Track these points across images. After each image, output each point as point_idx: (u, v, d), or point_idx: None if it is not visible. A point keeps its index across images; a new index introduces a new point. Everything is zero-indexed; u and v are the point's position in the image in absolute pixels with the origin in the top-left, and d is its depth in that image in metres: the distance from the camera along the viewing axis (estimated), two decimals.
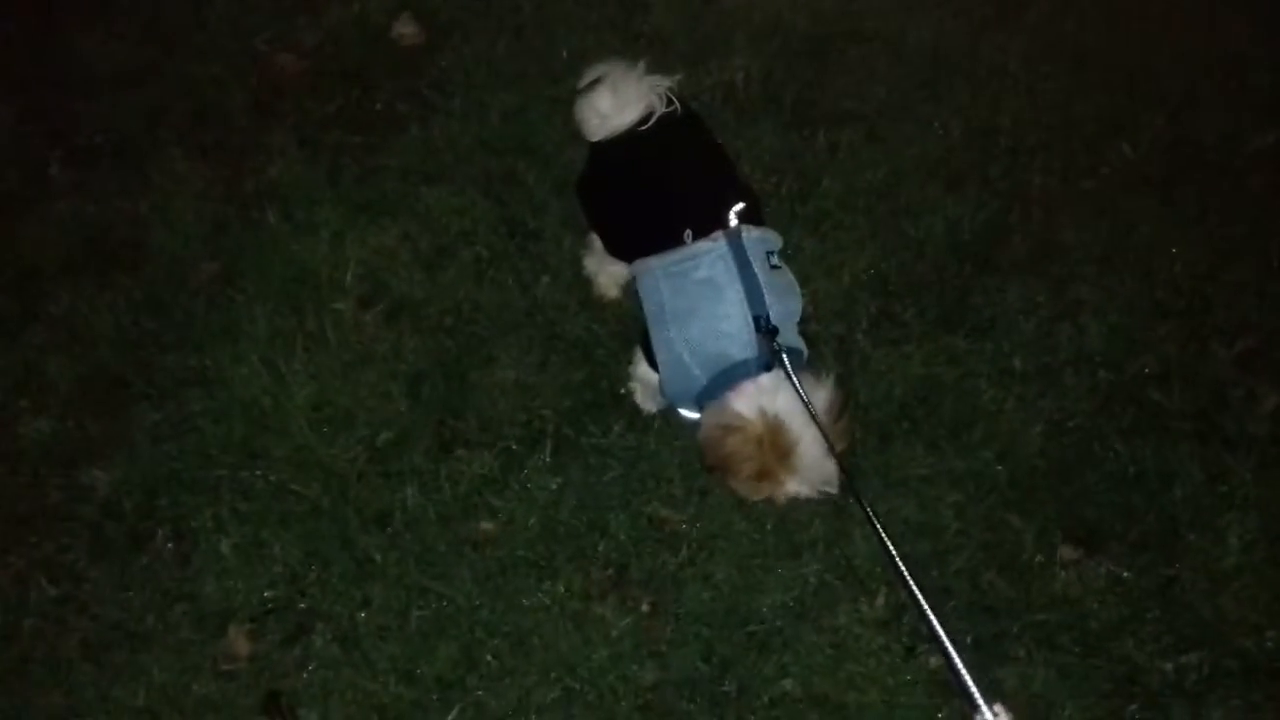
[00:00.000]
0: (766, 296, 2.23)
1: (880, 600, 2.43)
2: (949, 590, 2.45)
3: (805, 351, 2.33)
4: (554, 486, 2.57)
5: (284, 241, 2.96)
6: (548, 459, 2.62)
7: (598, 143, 2.54)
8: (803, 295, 2.42)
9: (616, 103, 2.48)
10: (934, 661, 2.36)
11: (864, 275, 2.88)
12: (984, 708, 1.53)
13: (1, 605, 2.49)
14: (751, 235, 2.28)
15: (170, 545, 2.54)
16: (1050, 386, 2.70)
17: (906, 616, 2.41)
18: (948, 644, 1.64)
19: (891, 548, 1.84)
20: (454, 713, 2.32)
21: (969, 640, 2.38)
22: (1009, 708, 1.53)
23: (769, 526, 2.54)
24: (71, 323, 2.88)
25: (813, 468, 2.18)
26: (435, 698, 2.34)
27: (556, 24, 3.43)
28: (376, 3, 3.48)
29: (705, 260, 2.27)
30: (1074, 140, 3.12)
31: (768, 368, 2.20)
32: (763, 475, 2.18)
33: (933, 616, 1.69)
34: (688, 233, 2.30)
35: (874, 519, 1.94)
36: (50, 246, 3.01)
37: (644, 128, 2.45)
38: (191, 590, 2.48)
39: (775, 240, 2.37)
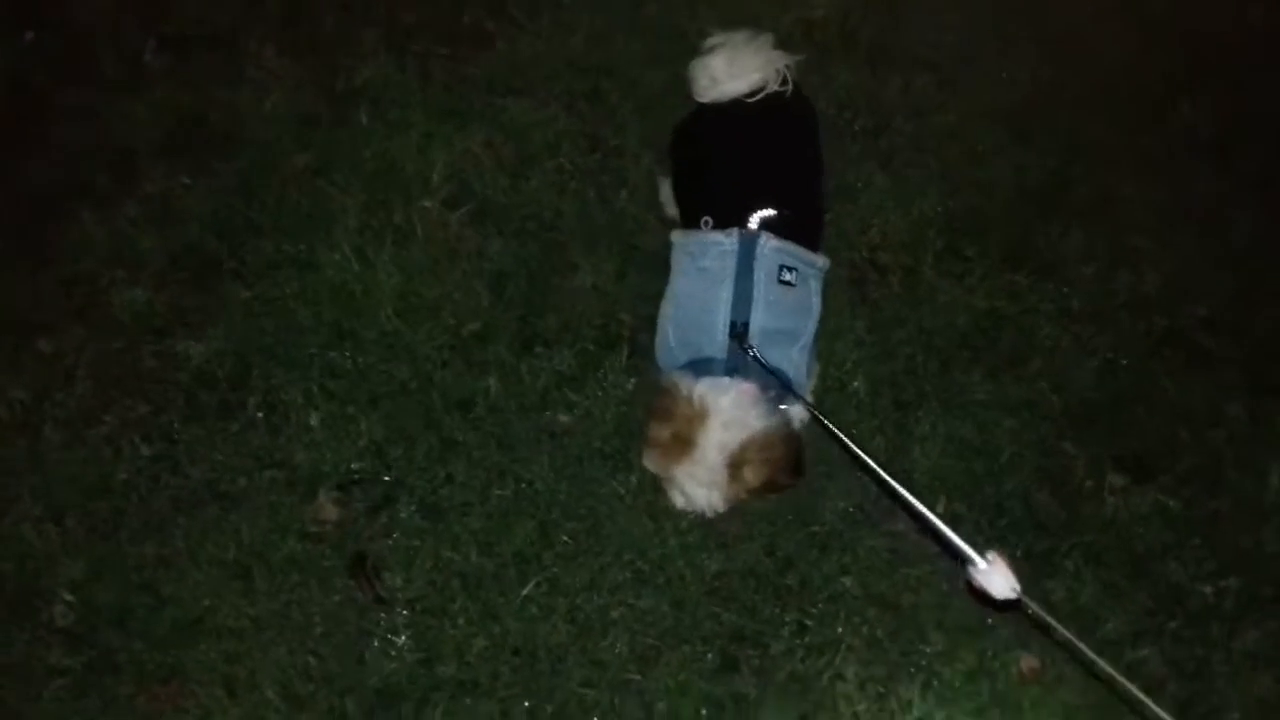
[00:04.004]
0: (755, 306, 2.27)
1: (939, 510, 2.55)
2: (1001, 508, 2.58)
3: (795, 376, 2.32)
4: (630, 386, 2.69)
5: (374, 138, 3.05)
6: (624, 361, 2.73)
7: (702, 103, 2.59)
8: (872, 228, 2.51)
9: (731, 70, 2.50)
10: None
11: (932, 212, 2.98)
12: (977, 558, 1.59)
13: (96, 461, 2.61)
14: (769, 244, 2.30)
15: (261, 415, 2.66)
16: (1106, 327, 2.82)
17: (963, 527, 2.53)
18: (920, 506, 1.73)
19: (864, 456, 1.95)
20: (530, 585, 2.45)
21: (1019, 553, 2.51)
22: (1000, 553, 1.59)
23: None
24: (165, 201, 2.98)
25: (702, 469, 2.19)
26: (513, 571, 2.47)
27: None
28: None
29: (713, 251, 2.32)
30: (1138, 99, 3.22)
31: (733, 372, 2.23)
32: (665, 446, 2.22)
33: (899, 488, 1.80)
34: (706, 219, 2.37)
35: (848, 440, 2.02)
36: (146, 129, 3.10)
37: (750, 99, 2.48)
38: (281, 458, 2.60)
39: (805, 258, 2.36)
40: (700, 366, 2.28)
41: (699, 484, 2.23)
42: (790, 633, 2.43)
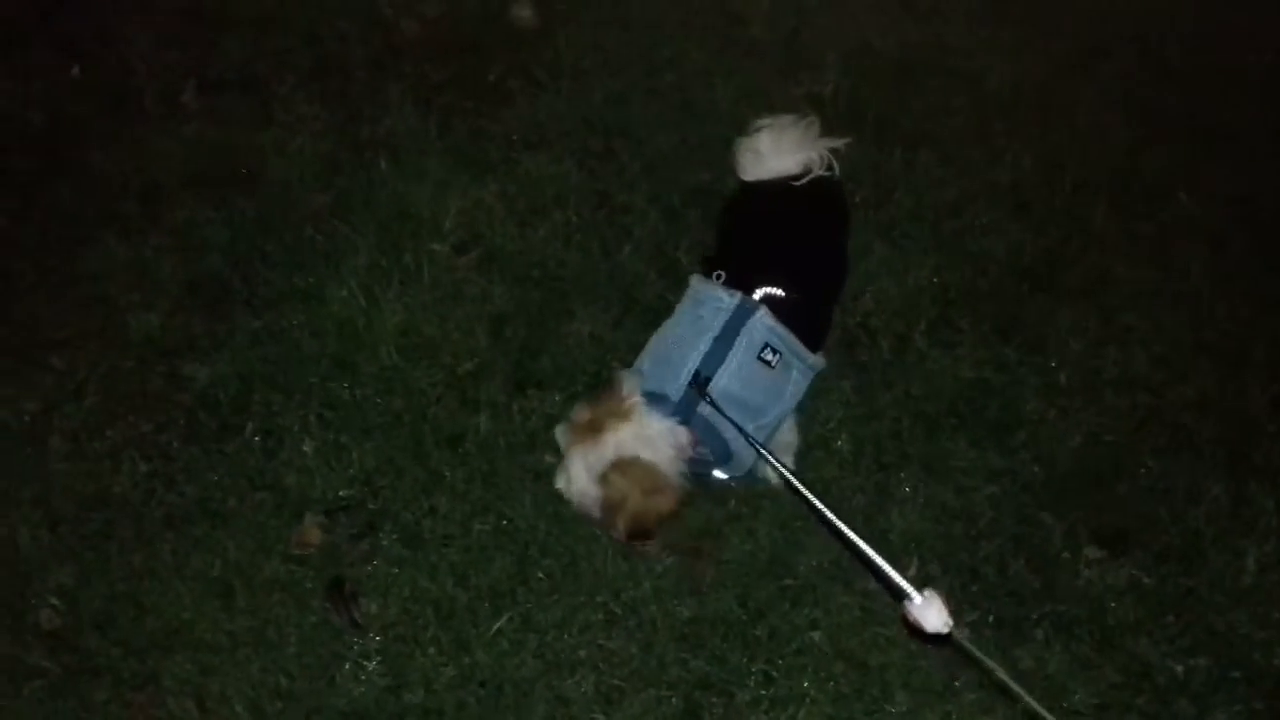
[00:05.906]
0: (726, 368, 2.36)
1: (912, 571, 2.57)
2: (975, 572, 2.59)
3: (736, 450, 2.40)
4: None
5: (391, 184, 3.19)
6: None
7: (747, 182, 2.74)
8: (866, 294, 2.65)
9: (775, 149, 2.66)
10: (957, 634, 2.50)
11: (927, 282, 3.05)
12: (913, 592, 1.68)
13: (96, 474, 2.70)
14: (763, 320, 2.39)
15: (258, 439, 2.74)
16: (1092, 403, 2.84)
17: (937, 590, 2.55)
18: (856, 538, 1.79)
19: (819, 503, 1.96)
20: (503, 620, 2.48)
21: (990, 619, 2.52)
22: (937, 590, 1.68)
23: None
24: (188, 232, 3.12)
25: (593, 458, 2.34)
26: (487, 604, 2.51)
27: (661, 25, 3.67)
28: None
29: (711, 304, 2.44)
30: (1136, 185, 3.30)
31: (682, 420, 2.34)
32: (578, 427, 2.39)
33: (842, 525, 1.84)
34: (719, 273, 2.50)
35: (779, 465, 2.17)
36: (175, 163, 3.27)
37: (796, 183, 2.62)
38: (272, 481, 2.68)
39: (796, 348, 2.43)
40: (653, 400, 2.38)
41: (582, 470, 2.35)
42: (756, 683, 2.43)
